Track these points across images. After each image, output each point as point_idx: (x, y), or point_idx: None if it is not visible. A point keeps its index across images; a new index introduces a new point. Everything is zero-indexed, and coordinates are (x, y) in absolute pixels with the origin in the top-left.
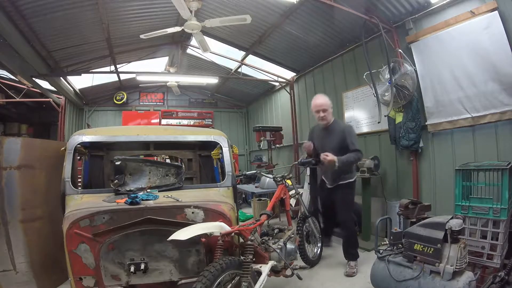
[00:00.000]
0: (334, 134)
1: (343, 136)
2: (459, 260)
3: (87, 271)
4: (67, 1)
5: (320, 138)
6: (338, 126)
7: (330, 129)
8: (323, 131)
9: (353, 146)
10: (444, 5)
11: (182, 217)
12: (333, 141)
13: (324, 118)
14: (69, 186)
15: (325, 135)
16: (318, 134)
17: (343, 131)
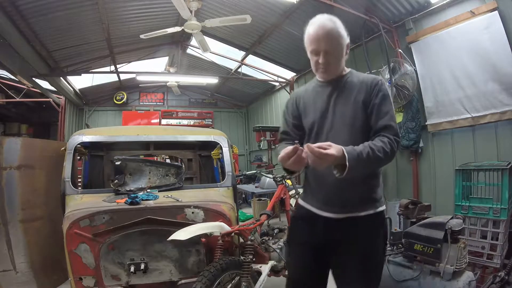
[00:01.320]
0: (350, 97)
1: (367, 101)
2: (459, 260)
3: (87, 271)
4: (67, 1)
5: (316, 109)
6: (357, 81)
7: (339, 88)
8: (323, 93)
9: (387, 123)
10: (444, 5)
11: (182, 217)
12: (347, 113)
13: (327, 67)
14: (69, 186)
15: (327, 101)
16: (311, 103)
17: (369, 89)
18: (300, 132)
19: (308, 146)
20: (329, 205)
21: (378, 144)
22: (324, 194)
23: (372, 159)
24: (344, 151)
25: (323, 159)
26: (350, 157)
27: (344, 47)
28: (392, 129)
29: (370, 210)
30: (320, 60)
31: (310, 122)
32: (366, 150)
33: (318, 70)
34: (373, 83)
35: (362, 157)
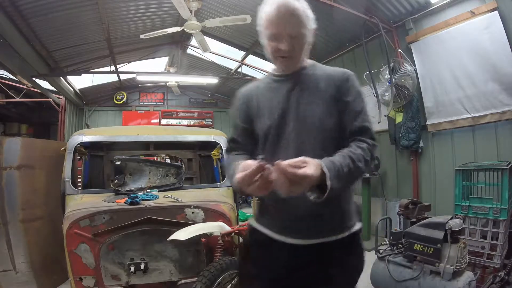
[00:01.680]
0: (316, 93)
1: (338, 98)
2: (459, 260)
3: (87, 271)
4: (67, 1)
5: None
6: (323, 75)
7: (302, 83)
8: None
9: (363, 125)
10: (444, 5)
11: (182, 217)
12: (314, 113)
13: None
14: (69, 186)
15: (287, 100)
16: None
17: (340, 84)
18: (253, 140)
19: (278, 165)
20: (294, 229)
21: (357, 151)
22: (287, 216)
23: (353, 172)
24: (323, 168)
25: (299, 183)
26: (331, 175)
27: (310, 32)
28: (369, 132)
29: (345, 231)
30: (282, 47)
31: (266, 126)
32: (347, 161)
33: (277, 60)
34: (344, 77)
35: (343, 172)
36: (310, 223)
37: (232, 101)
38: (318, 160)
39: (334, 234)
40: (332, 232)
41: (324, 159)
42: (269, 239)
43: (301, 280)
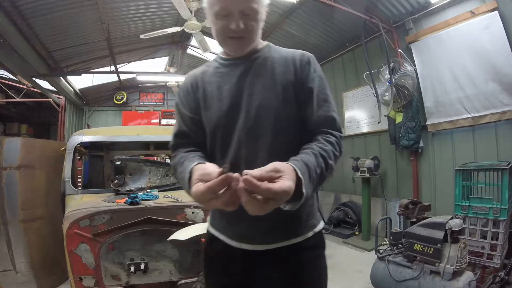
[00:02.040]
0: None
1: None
2: (459, 260)
3: (87, 271)
4: (67, 1)
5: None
6: (280, 58)
7: (255, 67)
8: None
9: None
10: (444, 5)
11: (182, 217)
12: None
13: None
14: (69, 186)
15: (239, 86)
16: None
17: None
18: (203, 132)
19: (247, 181)
20: (250, 234)
21: (328, 147)
22: (242, 220)
23: (326, 172)
24: (298, 174)
25: (274, 200)
26: (306, 181)
27: (264, 9)
28: (336, 123)
29: (308, 232)
30: (232, 25)
31: (214, 118)
32: (319, 161)
33: (226, 41)
34: (303, 60)
35: (317, 174)
36: (268, 227)
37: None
38: (290, 164)
39: (296, 236)
40: (293, 235)
41: (296, 162)
42: (225, 245)
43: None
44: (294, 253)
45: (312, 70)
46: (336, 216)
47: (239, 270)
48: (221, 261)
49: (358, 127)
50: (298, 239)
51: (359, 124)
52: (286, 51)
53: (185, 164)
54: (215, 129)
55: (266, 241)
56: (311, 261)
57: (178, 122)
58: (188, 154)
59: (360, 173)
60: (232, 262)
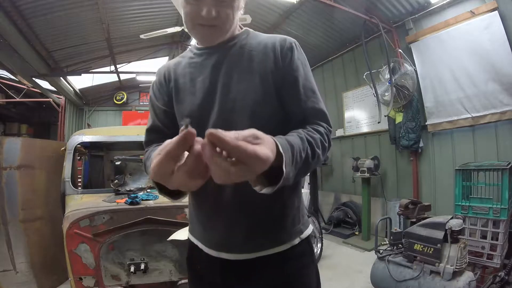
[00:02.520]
0: (249, 68)
1: (278, 73)
2: (459, 260)
3: (87, 271)
4: (67, 1)
5: (196, 92)
6: (258, 45)
7: (231, 56)
8: (204, 65)
9: (317, 106)
10: (444, 5)
11: (182, 217)
12: (247, 95)
13: (212, 25)
14: (69, 186)
15: (213, 78)
16: (187, 83)
17: (280, 55)
18: (177, 126)
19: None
20: (228, 241)
21: (316, 135)
22: (219, 225)
23: (311, 160)
24: (279, 148)
25: (246, 166)
26: (288, 159)
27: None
28: (325, 115)
29: (295, 239)
30: (204, 12)
31: (186, 113)
32: (305, 145)
33: (196, 28)
34: (285, 46)
35: (301, 158)
36: (247, 233)
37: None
38: (271, 136)
39: (280, 244)
40: (277, 242)
41: (279, 138)
42: (204, 254)
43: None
44: (278, 264)
45: (296, 57)
46: (336, 216)
47: (219, 281)
48: (201, 272)
49: (358, 127)
50: (283, 247)
51: (359, 124)
52: (266, 37)
53: (152, 155)
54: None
55: (245, 249)
56: (298, 272)
57: (151, 117)
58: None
59: (360, 173)
60: (211, 273)
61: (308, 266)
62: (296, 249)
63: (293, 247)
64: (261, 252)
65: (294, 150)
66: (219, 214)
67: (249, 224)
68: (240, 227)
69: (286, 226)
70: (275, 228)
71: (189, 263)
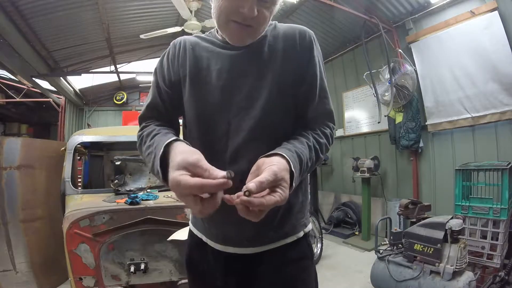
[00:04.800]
0: (266, 62)
1: (299, 72)
2: (459, 260)
3: (87, 271)
4: (67, 1)
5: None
6: (279, 38)
7: (252, 49)
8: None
9: (330, 107)
10: (444, 5)
11: (182, 217)
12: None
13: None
14: (69, 186)
15: (233, 66)
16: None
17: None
18: (177, 110)
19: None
20: (236, 237)
21: (322, 140)
22: (226, 219)
23: (314, 164)
24: (292, 168)
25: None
26: (296, 175)
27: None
28: (332, 116)
29: (299, 231)
30: (245, 9)
31: (198, 103)
32: (312, 154)
33: (230, 24)
34: (305, 40)
35: (307, 166)
36: (257, 229)
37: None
38: (285, 159)
39: (286, 237)
40: (283, 235)
41: (290, 153)
42: (208, 248)
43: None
44: (283, 257)
45: (315, 53)
46: (336, 216)
47: (224, 275)
48: (204, 265)
49: (358, 127)
50: (288, 240)
51: (359, 124)
52: (286, 28)
53: (157, 138)
54: (197, 121)
55: (253, 243)
56: (300, 272)
57: (153, 92)
58: (161, 128)
59: (360, 173)
60: (216, 266)
61: (309, 267)
62: (297, 243)
63: (297, 240)
64: (268, 245)
65: (302, 163)
66: (227, 209)
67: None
68: (247, 221)
69: (292, 219)
70: (281, 222)
71: (190, 256)
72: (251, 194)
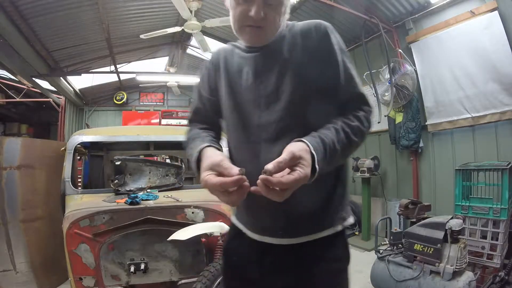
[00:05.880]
0: (287, 59)
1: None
2: (459, 260)
3: (87, 271)
4: (67, 1)
5: (241, 88)
6: (298, 37)
7: (274, 55)
8: (249, 63)
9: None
10: (444, 5)
11: (182, 217)
12: (294, 93)
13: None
14: (69, 186)
15: (257, 76)
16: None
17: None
18: (218, 114)
19: (264, 179)
20: (272, 226)
21: (354, 123)
22: (264, 210)
23: (347, 148)
24: (311, 150)
25: (290, 189)
26: (320, 157)
27: (289, 3)
28: (363, 98)
29: (338, 225)
30: (252, 12)
31: (230, 112)
32: (341, 136)
33: (245, 29)
34: (319, 32)
35: (335, 150)
36: (292, 219)
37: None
38: (303, 142)
39: (323, 229)
40: (320, 228)
41: (312, 138)
42: (246, 238)
43: (278, 284)
44: (319, 251)
45: (333, 42)
46: None
47: (259, 265)
48: (240, 255)
49: None
50: (325, 233)
51: None
52: (302, 25)
53: (196, 143)
54: (229, 120)
55: (289, 234)
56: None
57: (196, 99)
58: (201, 132)
59: (360, 173)
60: (251, 256)
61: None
62: (336, 236)
63: (334, 236)
64: (304, 237)
65: (325, 145)
66: (266, 202)
67: (293, 209)
68: (284, 211)
69: (329, 212)
70: (318, 214)
71: (228, 246)
72: (271, 174)
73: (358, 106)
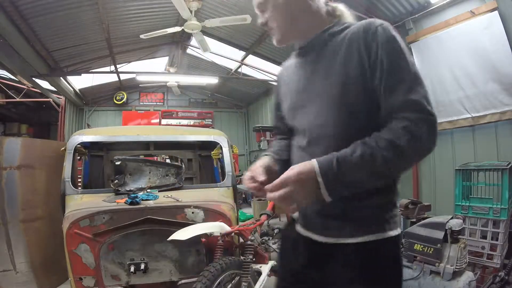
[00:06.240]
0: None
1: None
2: (459, 260)
3: (87, 271)
4: (67, 1)
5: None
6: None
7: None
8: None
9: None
10: (444, 5)
11: (182, 217)
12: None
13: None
14: (69, 186)
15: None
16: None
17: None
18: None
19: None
20: (316, 222)
21: (385, 137)
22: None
23: (371, 165)
24: (315, 168)
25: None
26: (323, 171)
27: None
28: (413, 104)
29: (370, 234)
30: (259, 23)
31: (285, 113)
32: (358, 152)
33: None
34: (368, 31)
35: (349, 165)
36: (328, 219)
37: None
38: (309, 162)
39: (366, 234)
40: (363, 232)
41: (325, 160)
42: (295, 231)
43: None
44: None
45: (380, 44)
46: None
47: (302, 257)
48: (290, 246)
49: None
50: (357, 239)
51: None
52: (354, 27)
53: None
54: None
55: (321, 232)
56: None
57: (273, 114)
58: (275, 142)
59: None
60: (298, 249)
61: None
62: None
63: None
64: (335, 238)
65: (333, 159)
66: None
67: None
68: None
69: (362, 218)
70: (345, 216)
71: (283, 235)
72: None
73: (403, 116)
